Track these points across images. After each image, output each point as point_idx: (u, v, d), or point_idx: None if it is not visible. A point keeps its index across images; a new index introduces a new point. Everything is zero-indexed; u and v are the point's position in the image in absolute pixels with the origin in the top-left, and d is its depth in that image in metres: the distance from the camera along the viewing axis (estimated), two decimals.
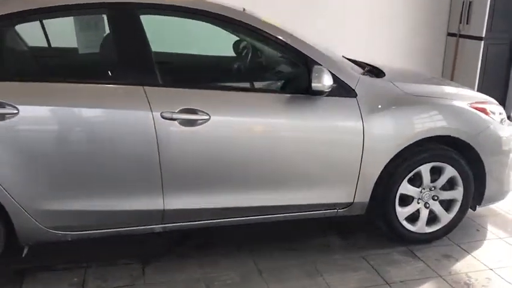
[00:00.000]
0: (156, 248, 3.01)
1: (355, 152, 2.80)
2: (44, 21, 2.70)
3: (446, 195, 3.07)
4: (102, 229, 2.66)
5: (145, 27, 2.57)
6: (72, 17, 2.66)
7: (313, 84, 2.57)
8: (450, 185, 3.06)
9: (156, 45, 2.67)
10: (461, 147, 3.00)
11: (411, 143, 2.87)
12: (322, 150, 2.78)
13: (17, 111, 2.33)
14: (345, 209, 2.94)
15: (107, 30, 2.66)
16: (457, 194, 3.07)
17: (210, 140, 2.60)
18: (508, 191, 3.26)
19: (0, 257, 2.55)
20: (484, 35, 5.91)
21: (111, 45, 2.61)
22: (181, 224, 2.74)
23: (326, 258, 2.93)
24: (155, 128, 2.50)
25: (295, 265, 2.86)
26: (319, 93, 2.62)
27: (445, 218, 3.10)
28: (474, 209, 3.23)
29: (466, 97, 3.11)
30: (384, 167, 2.87)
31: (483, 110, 3.04)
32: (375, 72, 3.20)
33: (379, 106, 2.82)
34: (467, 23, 6.07)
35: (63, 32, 2.82)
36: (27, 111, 2.35)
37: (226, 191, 2.72)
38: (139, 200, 2.61)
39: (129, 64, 2.56)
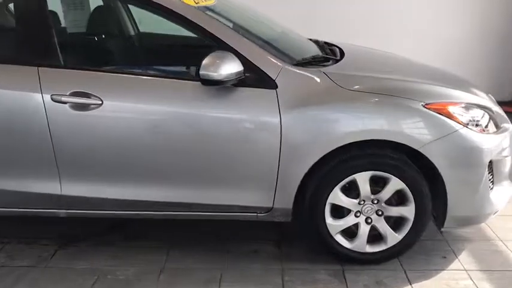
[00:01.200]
0: (82, 232, 2.96)
1: (272, 152, 2.44)
2: None
3: (393, 211, 2.56)
4: (9, 208, 2.67)
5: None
6: None
7: (200, 72, 2.27)
8: (400, 199, 2.55)
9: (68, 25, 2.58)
10: (413, 156, 2.47)
11: (339, 145, 2.42)
12: (230, 146, 2.46)
13: None
14: (265, 214, 2.59)
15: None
16: (407, 211, 2.54)
17: (102, 126, 2.45)
18: (487, 213, 2.61)
19: None
20: None
21: (15, 24, 2.57)
22: (84, 211, 2.65)
23: (241, 266, 2.62)
24: (45, 111, 2.42)
25: (201, 269, 2.60)
26: (214, 82, 2.30)
27: (392, 238, 2.58)
28: (440, 230, 2.66)
29: (428, 95, 2.52)
30: (309, 171, 2.47)
31: (445, 112, 2.45)
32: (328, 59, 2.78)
33: (301, 100, 2.41)
34: None
35: None
36: None
37: (124, 182, 2.55)
38: (37, 183, 2.56)
39: (25, 43, 2.50)
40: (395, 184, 2.49)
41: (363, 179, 2.49)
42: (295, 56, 2.67)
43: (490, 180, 2.61)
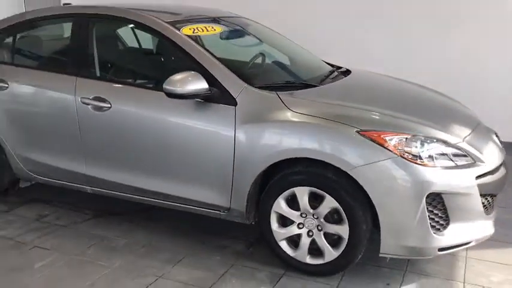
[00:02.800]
0: (117, 209, 3.71)
1: (227, 159, 2.87)
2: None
3: (330, 228, 2.73)
4: (59, 180, 3.58)
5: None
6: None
7: (164, 86, 2.82)
8: (338, 218, 2.70)
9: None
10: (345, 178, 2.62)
11: (279, 160, 2.72)
12: (195, 150, 2.96)
13: None
14: (226, 213, 3.01)
15: None
16: (342, 230, 2.68)
17: (111, 125, 3.18)
18: (430, 247, 2.59)
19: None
20: None
21: (69, 44, 3.50)
22: (105, 190, 3.39)
23: (203, 255, 3.06)
24: (76, 110, 3.26)
25: (172, 251, 3.11)
26: (177, 96, 2.83)
27: (329, 254, 2.74)
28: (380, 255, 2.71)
29: (367, 123, 2.66)
30: (256, 180, 2.82)
31: (379, 140, 2.55)
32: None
33: (254, 118, 2.80)
34: None
35: None
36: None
37: (126, 170, 3.24)
38: (70, 162, 3.42)
39: (70, 60, 3.41)
40: (329, 202, 2.67)
41: (301, 193, 2.73)
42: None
43: (438, 215, 2.60)
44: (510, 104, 5.20)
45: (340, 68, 3.78)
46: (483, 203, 2.74)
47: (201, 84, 2.85)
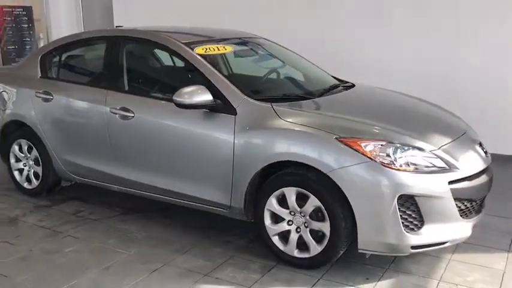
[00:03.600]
0: (141, 205, 4.18)
1: (227, 162, 3.26)
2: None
3: (315, 225, 3.03)
4: (92, 180, 4.11)
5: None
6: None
7: (173, 97, 3.26)
8: (322, 216, 3.00)
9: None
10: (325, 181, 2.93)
11: (271, 162, 3.08)
12: (202, 153, 3.37)
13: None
14: (228, 211, 3.38)
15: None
16: (324, 227, 2.98)
17: (133, 131, 3.67)
18: (403, 244, 2.83)
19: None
20: None
21: (102, 62, 4.05)
22: (128, 189, 3.88)
23: (207, 246, 3.44)
24: (106, 118, 3.78)
25: (180, 242, 3.52)
26: (185, 106, 3.26)
27: (314, 248, 3.04)
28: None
29: (346, 131, 2.96)
30: (252, 180, 3.18)
31: (355, 146, 2.85)
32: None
33: (251, 125, 3.18)
34: None
35: None
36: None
37: (145, 170, 3.71)
38: (102, 164, 3.94)
39: (104, 74, 3.95)
40: (313, 201, 2.99)
41: (289, 192, 3.07)
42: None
43: (412, 215, 2.85)
44: None
45: (346, 82, 4.10)
46: (459, 207, 2.95)
47: (206, 97, 3.27)
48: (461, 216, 2.97)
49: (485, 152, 3.30)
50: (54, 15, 8.45)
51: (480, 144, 3.32)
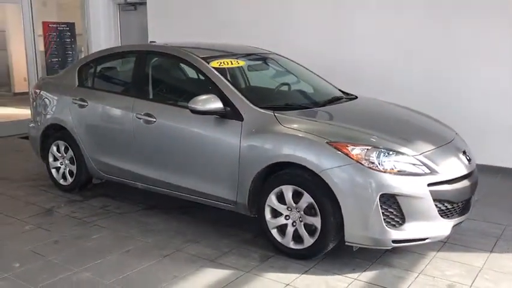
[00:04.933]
0: (162, 202, 4.65)
1: (234, 162, 3.69)
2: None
3: (308, 219, 3.40)
4: (120, 178, 4.60)
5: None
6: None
7: (189, 104, 3.72)
8: (314, 211, 3.37)
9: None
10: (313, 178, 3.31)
11: (272, 163, 3.49)
12: (213, 154, 3.82)
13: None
14: (234, 206, 3.80)
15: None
16: (316, 221, 3.35)
17: (155, 134, 4.15)
18: (384, 238, 3.18)
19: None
20: None
21: (131, 73, 4.56)
22: (150, 186, 4.35)
23: (216, 239, 3.85)
24: (132, 123, 4.28)
25: (193, 233, 3.95)
26: (199, 112, 3.71)
27: (307, 240, 3.41)
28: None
29: (336, 136, 3.35)
30: (255, 179, 3.59)
31: (344, 149, 3.22)
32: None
33: (254, 130, 3.61)
34: None
35: None
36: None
37: (164, 169, 4.17)
38: (128, 164, 4.43)
39: (133, 84, 4.46)
40: (306, 198, 3.37)
41: (287, 190, 3.46)
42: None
43: (393, 213, 3.19)
44: None
45: (351, 95, 4.47)
46: (439, 207, 3.28)
47: (217, 104, 3.72)
48: (441, 216, 3.29)
49: (469, 160, 3.61)
50: (94, 30, 9.16)
51: (464, 152, 3.63)
